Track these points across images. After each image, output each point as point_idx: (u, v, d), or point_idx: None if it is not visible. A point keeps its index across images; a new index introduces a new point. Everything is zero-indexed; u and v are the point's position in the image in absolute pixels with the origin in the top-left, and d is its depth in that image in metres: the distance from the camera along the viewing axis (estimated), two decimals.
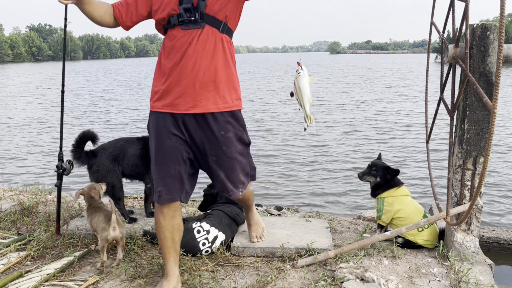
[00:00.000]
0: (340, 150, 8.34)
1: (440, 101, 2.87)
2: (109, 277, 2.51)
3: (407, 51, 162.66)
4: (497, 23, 2.13)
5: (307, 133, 9.92)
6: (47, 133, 10.68)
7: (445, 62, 2.65)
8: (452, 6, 2.56)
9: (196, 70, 2.04)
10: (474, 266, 2.57)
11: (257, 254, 2.75)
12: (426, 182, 6.16)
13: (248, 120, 10.32)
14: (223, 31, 2.09)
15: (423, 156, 7.54)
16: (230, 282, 2.43)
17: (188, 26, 2.03)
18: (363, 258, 2.68)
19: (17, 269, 2.60)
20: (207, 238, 2.74)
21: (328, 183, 6.32)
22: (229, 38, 2.15)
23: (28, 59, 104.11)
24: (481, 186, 1.89)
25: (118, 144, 3.28)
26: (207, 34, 2.05)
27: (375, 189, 3.03)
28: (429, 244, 2.83)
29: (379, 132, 10.05)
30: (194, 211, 3.66)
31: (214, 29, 2.06)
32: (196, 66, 2.04)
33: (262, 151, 8.26)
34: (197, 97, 2.07)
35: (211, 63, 2.06)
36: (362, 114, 12.92)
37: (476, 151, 2.55)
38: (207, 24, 2.04)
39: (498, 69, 1.68)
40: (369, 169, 3.02)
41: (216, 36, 2.07)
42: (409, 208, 2.88)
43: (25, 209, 3.62)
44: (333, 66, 50.14)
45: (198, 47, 2.04)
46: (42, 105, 16.57)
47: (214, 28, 2.06)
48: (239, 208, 3.15)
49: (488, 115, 2.49)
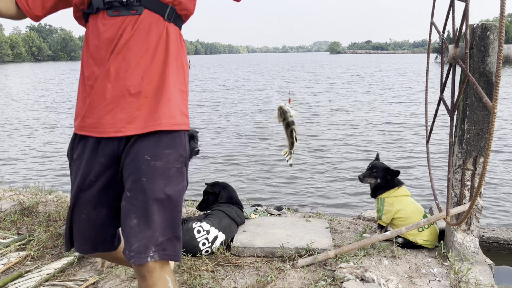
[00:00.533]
0: (340, 150, 8.34)
1: (440, 101, 2.87)
2: (109, 277, 2.51)
3: (407, 51, 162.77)
4: (497, 23, 2.13)
5: (307, 133, 9.93)
6: (48, 133, 10.68)
7: (445, 62, 2.65)
8: (452, 6, 2.56)
9: (130, 76, 1.42)
10: (474, 266, 2.57)
11: (257, 254, 2.75)
12: (426, 182, 6.16)
13: (248, 121, 10.28)
14: (169, 18, 1.48)
15: (423, 156, 7.54)
16: (230, 282, 2.43)
17: (118, 11, 1.42)
18: (363, 258, 2.68)
19: (17, 269, 2.60)
20: (207, 238, 2.75)
21: (328, 183, 6.33)
22: (179, 29, 1.54)
23: (28, 59, 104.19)
24: (481, 186, 1.89)
25: None
26: (147, 23, 1.44)
27: (375, 190, 3.03)
28: (429, 244, 2.83)
29: (379, 132, 10.06)
30: (194, 211, 3.66)
31: (157, 16, 1.45)
32: (130, 69, 1.42)
33: (263, 152, 8.26)
34: (133, 113, 1.42)
35: (152, 65, 1.44)
36: (362, 114, 12.92)
37: (476, 151, 2.55)
38: (147, 9, 1.43)
39: (498, 69, 1.68)
40: (369, 171, 3.02)
41: (159, 26, 1.46)
42: (409, 208, 2.88)
43: (25, 209, 3.62)
44: (333, 66, 50.18)
45: (133, 42, 1.42)
46: (43, 105, 16.58)
47: (157, 14, 1.45)
48: (239, 208, 3.15)
49: (488, 115, 2.49)
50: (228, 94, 19.74)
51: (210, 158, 7.69)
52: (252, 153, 8.13)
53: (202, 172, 6.80)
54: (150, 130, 1.42)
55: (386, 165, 3.02)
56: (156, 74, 1.44)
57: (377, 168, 2.99)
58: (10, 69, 54.86)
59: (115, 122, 1.42)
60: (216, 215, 2.93)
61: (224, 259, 2.69)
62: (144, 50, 1.43)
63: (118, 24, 1.42)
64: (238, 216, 3.03)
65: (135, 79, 1.42)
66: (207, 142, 9.02)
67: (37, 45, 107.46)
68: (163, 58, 1.46)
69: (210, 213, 3.03)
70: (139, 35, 1.42)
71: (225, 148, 8.60)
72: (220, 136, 9.80)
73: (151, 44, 1.44)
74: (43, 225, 3.24)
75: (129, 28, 1.42)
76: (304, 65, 55.06)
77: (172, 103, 1.46)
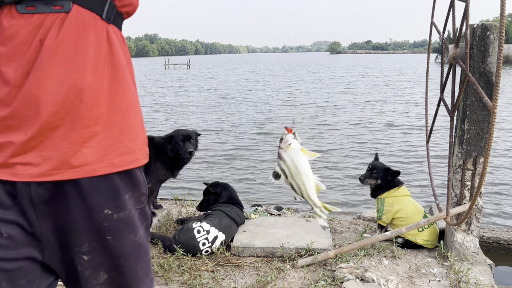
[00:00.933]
0: (340, 150, 8.34)
1: (440, 101, 2.87)
2: None
3: (407, 51, 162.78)
4: (497, 23, 2.13)
5: (308, 133, 9.93)
6: None
7: (445, 62, 2.65)
8: (452, 6, 2.57)
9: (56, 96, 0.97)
10: (474, 266, 2.57)
11: (257, 254, 2.75)
12: (426, 182, 6.16)
13: (248, 122, 10.27)
14: (109, 18, 1.05)
15: (423, 156, 7.54)
16: (230, 282, 2.43)
17: (33, 6, 0.96)
18: (363, 258, 2.68)
19: None
20: (207, 238, 2.74)
21: (328, 183, 6.33)
22: (120, 31, 1.12)
23: None
24: (481, 186, 1.89)
25: None
26: (79, 24, 0.99)
27: (375, 191, 3.03)
28: (429, 244, 2.83)
29: (379, 132, 10.06)
30: (194, 211, 3.66)
31: (92, 15, 1.02)
32: (56, 87, 0.97)
33: (263, 152, 8.26)
34: (63, 148, 1.01)
35: (92, 84, 1.00)
36: (362, 114, 12.93)
37: (476, 151, 2.55)
38: (77, 4, 0.99)
39: (498, 69, 1.68)
40: (370, 172, 3.02)
41: (98, 28, 1.02)
42: (409, 208, 2.88)
43: None
44: (333, 66, 50.20)
45: (60, 53, 0.97)
46: None
47: (92, 12, 1.02)
48: (239, 209, 3.15)
49: (488, 115, 2.49)
50: (228, 94, 19.74)
51: (210, 158, 7.69)
52: (253, 153, 8.13)
53: (202, 172, 6.81)
54: (98, 174, 1.04)
55: (386, 165, 3.02)
56: (99, 97, 1.02)
57: (377, 169, 2.99)
58: None
59: (41, 162, 1.00)
60: (216, 215, 2.93)
61: (224, 259, 2.69)
62: (80, 63, 0.98)
63: (33, 25, 0.96)
64: (238, 216, 3.03)
65: (66, 102, 0.99)
66: (207, 142, 9.02)
67: None
68: (107, 73, 1.04)
69: (210, 213, 3.03)
70: (68, 42, 0.97)
71: (226, 148, 8.60)
72: (219, 136, 9.81)
73: (88, 55, 1.00)
74: None
75: (53, 33, 0.96)
76: (306, 65, 55.07)
77: (124, 133, 1.09)
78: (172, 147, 3.12)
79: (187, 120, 12.00)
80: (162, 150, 3.25)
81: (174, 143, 3.12)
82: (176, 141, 3.11)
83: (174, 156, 3.14)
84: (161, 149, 3.25)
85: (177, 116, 12.76)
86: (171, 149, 3.12)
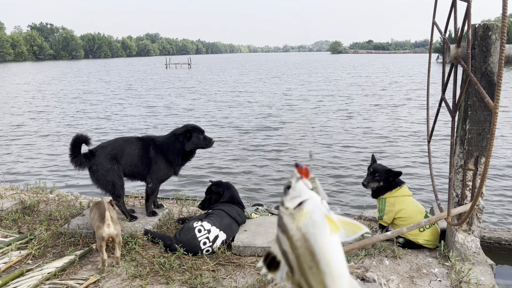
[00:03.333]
0: (340, 150, 8.34)
1: (442, 101, 2.87)
2: (110, 276, 2.51)
3: (409, 51, 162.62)
4: (499, 23, 2.12)
5: (308, 134, 9.92)
6: (48, 133, 10.70)
7: (446, 62, 2.65)
8: (454, 6, 2.56)
9: None
10: (475, 266, 2.56)
11: (258, 253, 2.75)
12: (427, 182, 6.16)
13: (249, 122, 10.24)
14: None
15: (424, 156, 7.53)
16: (231, 282, 2.43)
17: None
18: (364, 258, 2.68)
19: (18, 267, 2.61)
20: (208, 237, 2.75)
21: (328, 183, 6.33)
22: None
23: (29, 58, 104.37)
24: (482, 186, 1.89)
25: (116, 143, 3.29)
26: None
27: (377, 192, 3.03)
28: (430, 244, 2.83)
29: (379, 132, 10.05)
30: (194, 210, 3.66)
31: None
32: None
33: (264, 152, 8.26)
34: None
35: None
36: (362, 114, 12.92)
37: (477, 151, 2.55)
38: None
39: (500, 69, 1.68)
40: (372, 176, 3.01)
41: None
42: (410, 208, 2.88)
43: (26, 208, 3.63)
44: (334, 66, 50.14)
45: None
46: (42, 106, 16.60)
47: None
48: (240, 208, 3.16)
49: (489, 115, 2.48)
50: (230, 95, 19.74)
51: (210, 158, 7.69)
52: (253, 153, 8.13)
53: (202, 172, 6.81)
54: None
55: (386, 166, 3.02)
56: None
57: (378, 171, 2.99)
58: (12, 68, 54.98)
59: None
60: (217, 215, 2.93)
61: (225, 259, 2.69)
62: None
63: None
64: (239, 215, 3.04)
65: None
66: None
67: (38, 44, 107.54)
68: None
69: (211, 212, 3.03)
70: None
71: (226, 148, 8.61)
72: (222, 133, 9.81)
73: None
74: (44, 224, 3.24)
75: None
76: (309, 65, 54.98)
77: None
78: (192, 140, 3.27)
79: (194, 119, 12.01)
80: (163, 150, 3.25)
81: (195, 136, 3.27)
82: (197, 135, 3.28)
83: (193, 148, 3.30)
84: (162, 149, 3.26)
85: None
86: (191, 142, 3.27)
